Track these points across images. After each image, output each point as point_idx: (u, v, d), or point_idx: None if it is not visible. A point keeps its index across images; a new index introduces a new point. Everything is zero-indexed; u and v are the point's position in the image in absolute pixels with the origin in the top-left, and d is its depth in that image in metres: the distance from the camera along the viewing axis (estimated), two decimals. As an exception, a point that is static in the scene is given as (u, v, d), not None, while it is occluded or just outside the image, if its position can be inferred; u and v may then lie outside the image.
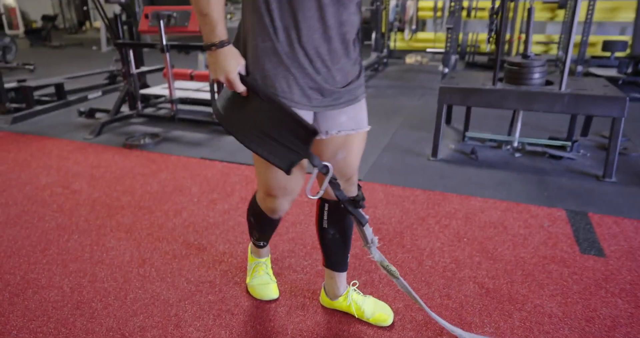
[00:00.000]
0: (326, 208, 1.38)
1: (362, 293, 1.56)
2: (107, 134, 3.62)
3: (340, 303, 1.52)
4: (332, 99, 1.14)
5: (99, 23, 10.61)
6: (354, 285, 1.58)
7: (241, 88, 1.07)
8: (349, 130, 1.21)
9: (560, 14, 6.79)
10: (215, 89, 3.55)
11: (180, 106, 4.27)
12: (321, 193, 1.21)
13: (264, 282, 1.61)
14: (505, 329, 1.49)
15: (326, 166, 1.15)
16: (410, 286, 1.41)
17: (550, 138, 3.18)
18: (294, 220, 2.18)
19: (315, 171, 1.16)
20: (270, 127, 1.08)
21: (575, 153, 3.04)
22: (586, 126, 3.39)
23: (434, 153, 2.99)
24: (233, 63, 1.06)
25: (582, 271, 1.79)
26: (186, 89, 4.12)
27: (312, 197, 1.21)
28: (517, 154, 3.04)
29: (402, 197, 2.43)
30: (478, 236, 2.04)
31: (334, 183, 1.20)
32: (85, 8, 13.34)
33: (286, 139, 1.09)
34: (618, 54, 5.83)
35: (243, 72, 1.08)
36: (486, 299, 1.63)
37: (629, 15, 6.46)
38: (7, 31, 11.21)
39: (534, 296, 1.64)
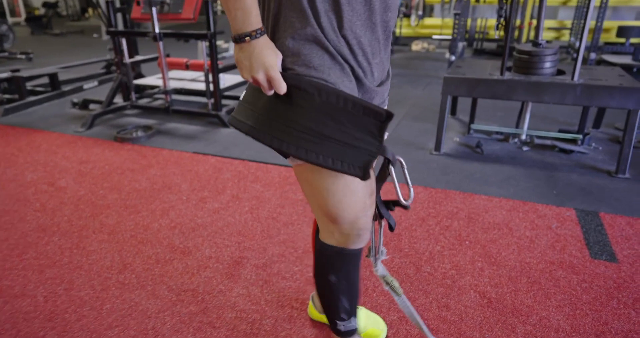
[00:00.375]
0: None
1: (353, 305, 1.44)
2: (99, 126, 3.51)
3: (329, 317, 1.42)
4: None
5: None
6: (344, 296, 1.47)
7: (284, 86, 0.85)
8: None
9: (573, -2, 6.52)
10: (210, 79, 3.42)
11: (176, 97, 4.16)
12: (412, 196, 1.00)
13: None
14: (507, 345, 1.37)
15: (395, 158, 0.95)
16: (409, 301, 1.29)
17: (560, 131, 3.02)
18: (286, 220, 2.07)
19: (393, 171, 0.95)
20: (327, 125, 0.86)
21: (587, 147, 2.88)
22: (599, 118, 3.22)
23: (437, 147, 2.85)
24: (272, 56, 0.85)
25: (592, 278, 1.66)
26: (182, 79, 3.99)
27: (407, 203, 0.99)
28: (525, 148, 2.89)
29: (401, 195, 2.30)
30: (481, 238, 1.92)
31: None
32: (86, -6, 13.18)
33: (350, 135, 0.87)
34: (633, 40, 5.59)
35: (280, 69, 0.87)
36: (488, 310, 1.51)
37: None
38: (9, 18, 11.10)
39: (539, 307, 1.52)
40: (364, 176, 0.88)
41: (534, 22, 6.29)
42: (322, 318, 1.43)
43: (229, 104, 3.71)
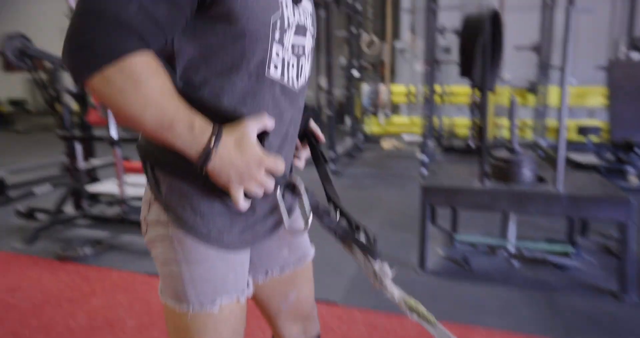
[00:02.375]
0: None
1: None
2: (44, 241, 3.10)
3: None
4: None
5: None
6: None
7: (281, 166, 0.72)
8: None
9: (530, 98, 6.93)
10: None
11: (137, 203, 3.84)
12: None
13: None
14: None
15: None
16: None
17: (548, 240, 2.84)
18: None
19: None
20: None
21: (581, 260, 2.68)
22: (585, 225, 3.09)
23: (421, 264, 2.58)
24: (252, 144, 0.68)
25: None
26: (142, 184, 3.71)
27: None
28: (515, 263, 2.66)
29: (388, 331, 1.97)
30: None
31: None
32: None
33: None
34: (592, 138, 5.83)
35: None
36: None
37: (596, 101, 6.62)
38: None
39: None
40: None
41: (497, 120, 6.56)
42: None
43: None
